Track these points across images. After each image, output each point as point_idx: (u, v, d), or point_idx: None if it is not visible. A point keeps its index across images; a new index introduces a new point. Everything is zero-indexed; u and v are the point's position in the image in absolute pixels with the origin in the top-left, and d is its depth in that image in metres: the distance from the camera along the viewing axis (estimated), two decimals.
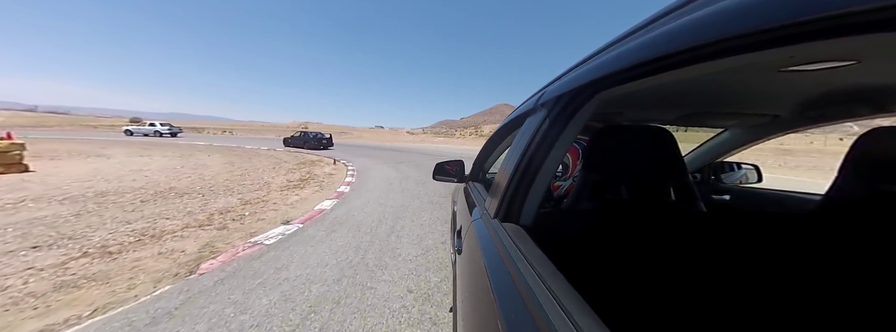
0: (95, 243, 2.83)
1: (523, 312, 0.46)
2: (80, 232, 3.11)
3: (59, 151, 11.18)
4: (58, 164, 7.97)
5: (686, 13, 0.39)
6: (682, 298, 0.68)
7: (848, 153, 0.86)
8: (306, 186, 5.97)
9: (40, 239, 2.89)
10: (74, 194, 4.73)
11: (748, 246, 0.79)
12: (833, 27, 0.26)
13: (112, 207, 4.09)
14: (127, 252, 2.66)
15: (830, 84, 0.72)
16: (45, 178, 5.96)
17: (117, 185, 5.50)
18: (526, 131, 0.89)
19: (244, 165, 9.12)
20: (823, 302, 0.68)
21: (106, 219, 3.56)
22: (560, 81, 0.81)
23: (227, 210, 4.09)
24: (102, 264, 2.43)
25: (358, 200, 4.99)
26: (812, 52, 0.42)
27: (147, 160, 9.33)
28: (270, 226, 3.50)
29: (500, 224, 0.80)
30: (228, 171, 7.64)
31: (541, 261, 0.57)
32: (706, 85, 0.79)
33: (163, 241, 2.94)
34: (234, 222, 3.60)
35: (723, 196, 1.78)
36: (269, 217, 3.84)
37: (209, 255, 2.65)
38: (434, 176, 1.95)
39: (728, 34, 0.32)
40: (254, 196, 4.94)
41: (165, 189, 5.27)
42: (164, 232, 3.17)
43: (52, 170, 6.94)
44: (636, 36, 0.50)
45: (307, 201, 4.77)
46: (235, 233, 3.23)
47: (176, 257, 2.59)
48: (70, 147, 12.78)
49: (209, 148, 15.69)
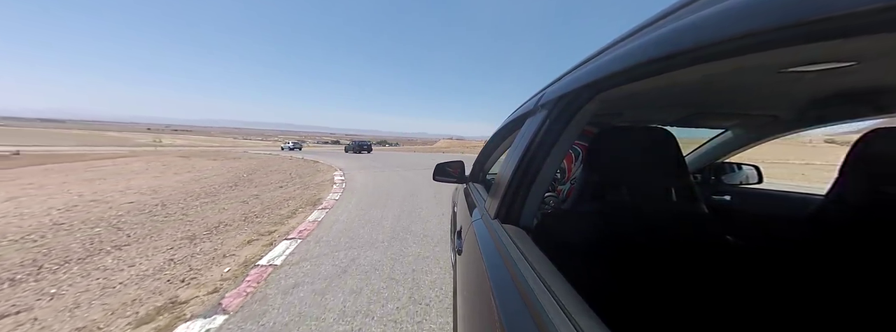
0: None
1: (523, 312, 0.46)
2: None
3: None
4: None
5: (687, 14, 0.39)
6: (682, 298, 0.67)
7: (848, 154, 0.86)
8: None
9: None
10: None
11: (749, 246, 0.79)
12: (833, 28, 0.26)
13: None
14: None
15: (830, 85, 0.72)
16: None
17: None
18: (526, 132, 0.89)
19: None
20: (824, 303, 0.67)
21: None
22: (560, 81, 0.81)
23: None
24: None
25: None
26: (812, 53, 0.42)
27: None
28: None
29: (500, 225, 0.80)
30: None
31: (541, 262, 0.57)
32: (706, 86, 0.79)
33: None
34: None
35: (724, 197, 1.78)
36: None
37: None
38: (434, 177, 1.95)
39: (728, 35, 0.32)
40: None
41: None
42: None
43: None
44: (637, 37, 0.50)
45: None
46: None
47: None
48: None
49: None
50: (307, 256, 2.79)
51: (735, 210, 1.57)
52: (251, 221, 4.03)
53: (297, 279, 2.34)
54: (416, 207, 4.87)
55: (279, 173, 10.18)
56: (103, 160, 16.01)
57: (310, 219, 4.05)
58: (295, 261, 2.67)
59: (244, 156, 20.46)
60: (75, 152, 27.96)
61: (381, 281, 2.31)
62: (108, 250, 3.05)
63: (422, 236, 3.35)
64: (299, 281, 2.30)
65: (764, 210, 1.54)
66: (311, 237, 3.31)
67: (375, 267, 2.55)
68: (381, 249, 2.97)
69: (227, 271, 2.49)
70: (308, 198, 5.59)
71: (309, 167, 12.13)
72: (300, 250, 2.93)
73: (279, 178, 8.63)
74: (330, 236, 3.34)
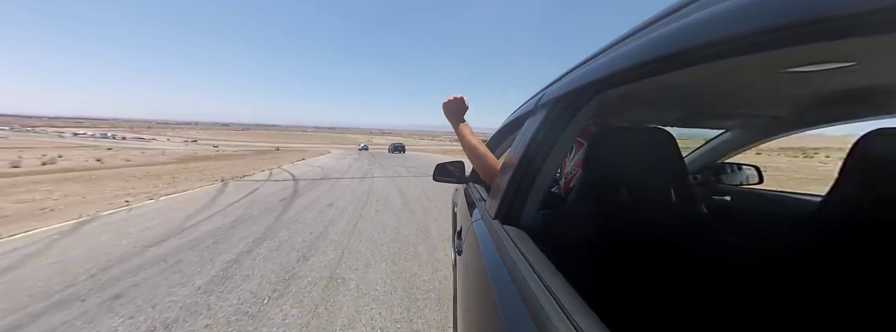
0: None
1: (523, 313, 0.46)
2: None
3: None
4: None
5: (687, 14, 0.39)
6: (682, 299, 0.67)
7: (848, 155, 0.86)
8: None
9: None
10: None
11: (748, 247, 0.78)
12: (833, 28, 0.26)
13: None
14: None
15: (830, 85, 0.72)
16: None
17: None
18: (526, 133, 0.89)
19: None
20: (823, 304, 0.67)
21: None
22: (560, 82, 0.81)
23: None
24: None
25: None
26: (812, 54, 0.42)
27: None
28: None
29: (501, 225, 0.80)
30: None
31: (541, 262, 0.57)
32: (706, 86, 0.79)
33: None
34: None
35: (724, 197, 1.77)
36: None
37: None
38: (435, 177, 1.94)
39: (728, 35, 0.32)
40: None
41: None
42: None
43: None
44: (637, 37, 0.50)
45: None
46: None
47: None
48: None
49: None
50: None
51: (735, 211, 1.57)
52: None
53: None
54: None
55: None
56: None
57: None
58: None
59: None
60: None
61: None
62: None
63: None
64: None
65: (764, 211, 1.54)
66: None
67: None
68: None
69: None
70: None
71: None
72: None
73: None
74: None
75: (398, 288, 2.44)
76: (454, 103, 1.13)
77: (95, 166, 15.22)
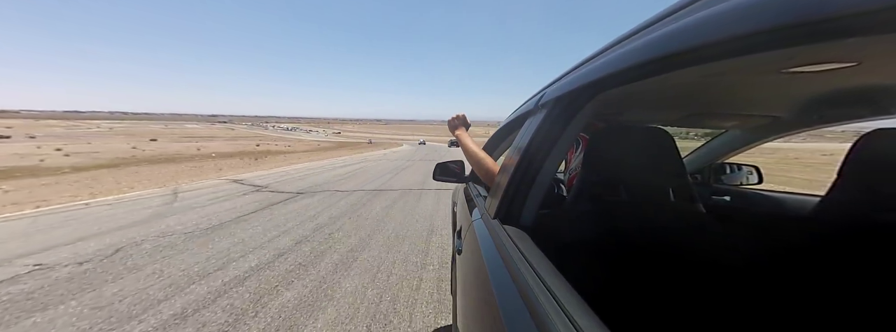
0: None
1: (523, 312, 0.46)
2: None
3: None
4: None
5: (687, 14, 0.39)
6: (681, 298, 0.67)
7: (848, 155, 0.86)
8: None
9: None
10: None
11: (748, 247, 0.78)
12: (834, 29, 0.26)
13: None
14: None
15: (831, 85, 0.72)
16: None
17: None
18: (526, 132, 0.89)
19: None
20: (823, 304, 0.67)
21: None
22: (560, 81, 0.81)
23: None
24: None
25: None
26: (813, 54, 0.42)
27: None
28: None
29: (500, 225, 0.80)
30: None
31: (540, 261, 0.57)
32: (707, 86, 0.78)
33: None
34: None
35: (723, 197, 1.77)
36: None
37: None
38: (434, 176, 1.94)
39: (729, 35, 0.32)
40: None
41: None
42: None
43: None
44: (638, 37, 0.50)
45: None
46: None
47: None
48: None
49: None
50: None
51: (735, 211, 1.57)
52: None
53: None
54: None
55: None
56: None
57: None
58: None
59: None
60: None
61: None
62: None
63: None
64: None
65: (763, 211, 1.54)
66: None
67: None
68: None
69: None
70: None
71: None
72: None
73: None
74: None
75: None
76: (456, 120, 1.48)
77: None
